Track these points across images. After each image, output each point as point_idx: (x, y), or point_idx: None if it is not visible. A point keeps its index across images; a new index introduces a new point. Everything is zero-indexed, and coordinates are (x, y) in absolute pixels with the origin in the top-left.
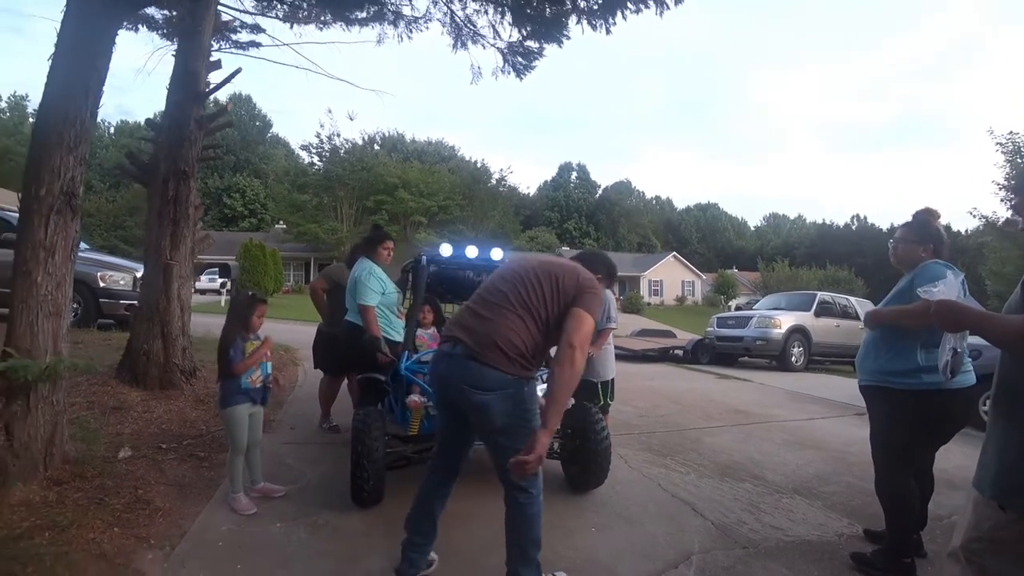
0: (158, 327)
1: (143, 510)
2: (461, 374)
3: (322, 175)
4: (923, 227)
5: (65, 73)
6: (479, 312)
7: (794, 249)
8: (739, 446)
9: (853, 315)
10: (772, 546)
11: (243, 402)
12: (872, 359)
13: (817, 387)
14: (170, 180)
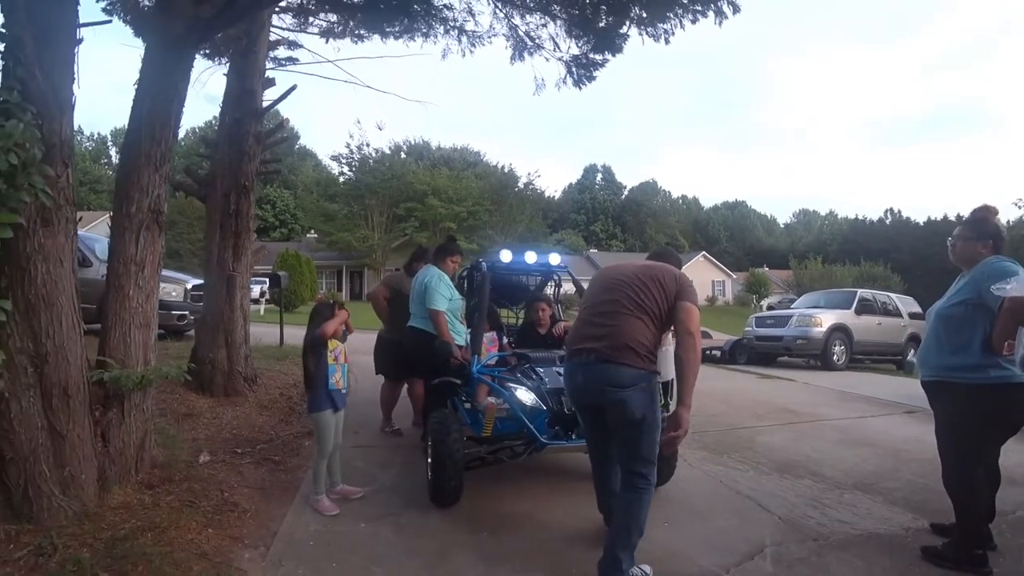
0: (222, 336)
1: (231, 512)
2: (599, 377)
3: (352, 184)
4: (982, 224)
5: (150, 97)
6: (598, 322)
7: (826, 246)
8: (793, 444)
9: (895, 312)
10: (842, 539)
11: (328, 407)
12: (936, 355)
13: (862, 385)
14: (231, 194)
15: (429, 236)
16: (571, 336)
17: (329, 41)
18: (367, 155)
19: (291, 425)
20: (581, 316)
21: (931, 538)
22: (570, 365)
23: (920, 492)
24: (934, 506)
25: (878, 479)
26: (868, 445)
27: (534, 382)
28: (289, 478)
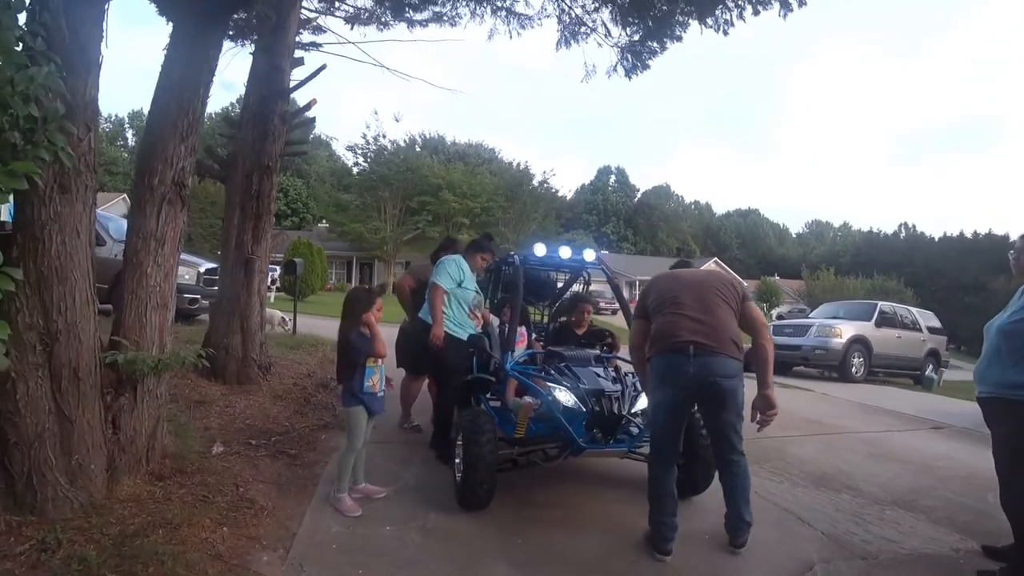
0: (238, 322)
1: (248, 509)
2: (712, 369)
3: (366, 176)
4: None
5: (181, 63)
6: (697, 317)
7: (839, 257)
8: (824, 456)
9: (915, 327)
10: (891, 558)
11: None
12: (997, 371)
13: (883, 399)
14: (253, 175)
15: (442, 231)
16: (664, 330)
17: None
18: (383, 146)
19: (306, 417)
20: (668, 312)
21: (983, 561)
22: (677, 357)
23: (963, 512)
24: (981, 527)
25: (917, 496)
26: (899, 460)
27: (572, 382)
28: (306, 474)
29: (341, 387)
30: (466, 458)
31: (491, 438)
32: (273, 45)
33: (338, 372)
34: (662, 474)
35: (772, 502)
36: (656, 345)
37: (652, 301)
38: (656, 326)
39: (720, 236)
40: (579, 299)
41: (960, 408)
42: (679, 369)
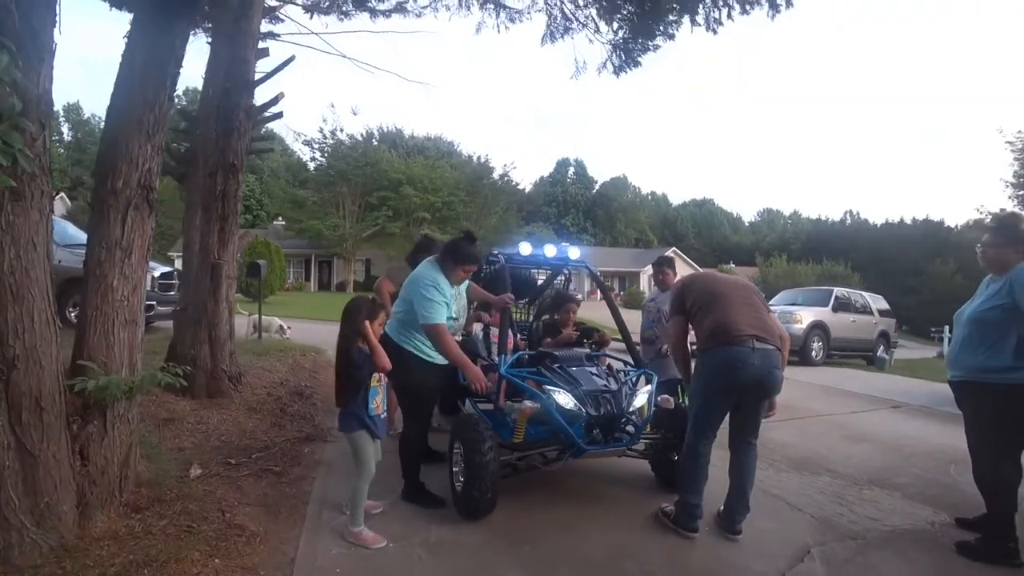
0: (205, 331)
1: (238, 536)
2: (770, 360)
3: (323, 171)
4: (1012, 230)
5: (143, 53)
6: (752, 314)
7: (790, 244)
8: (800, 441)
9: (867, 310)
10: (877, 537)
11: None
12: (969, 356)
13: (842, 381)
14: (217, 174)
15: (402, 226)
16: (725, 325)
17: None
18: (340, 141)
19: (285, 429)
20: (720, 308)
21: (958, 533)
22: (742, 349)
23: (932, 487)
24: (950, 500)
25: (889, 475)
26: (869, 441)
27: (569, 383)
28: (295, 492)
29: (340, 410)
30: (468, 467)
31: (493, 445)
32: (236, 34)
33: (338, 394)
34: (706, 457)
35: (761, 490)
36: (717, 338)
37: (696, 299)
38: (712, 321)
39: (677, 226)
40: (564, 298)
41: (912, 387)
42: (745, 360)
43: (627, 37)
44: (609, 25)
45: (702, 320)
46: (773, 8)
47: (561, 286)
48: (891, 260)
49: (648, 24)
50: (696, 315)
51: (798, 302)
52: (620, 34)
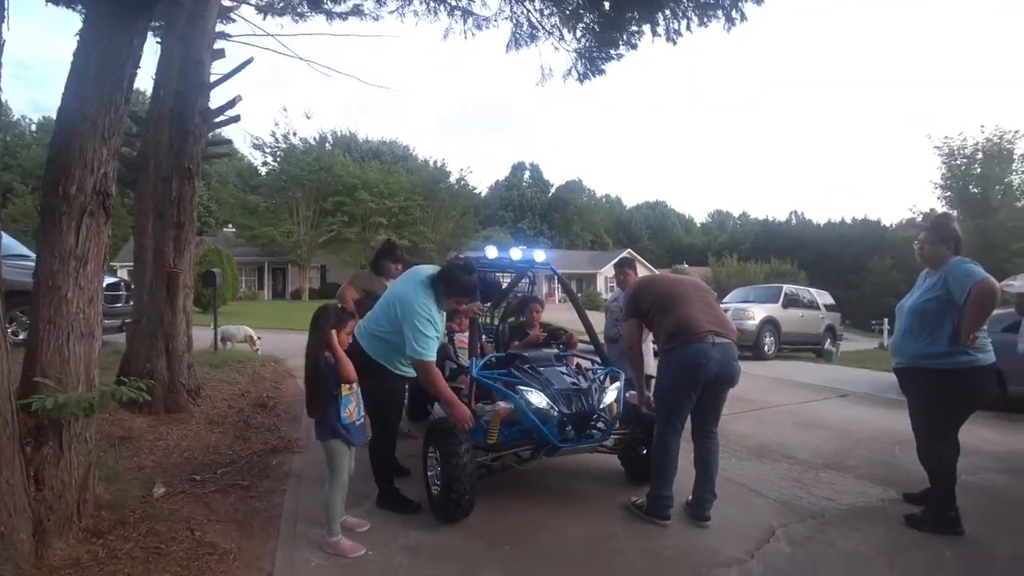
0: (162, 343)
1: (210, 555)
2: (729, 354)
3: (276, 175)
4: (944, 229)
5: (99, 52)
6: (711, 311)
7: (740, 244)
8: (758, 430)
9: (814, 306)
10: (835, 515)
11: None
12: (910, 344)
13: (793, 373)
14: (172, 179)
15: (358, 232)
16: (684, 324)
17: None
18: (293, 145)
19: (250, 442)
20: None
21: (905, 507)
22: (702, 346)
23: (879, 467)
24: (896, 477)
25: (841, 458)
26: (821, 427)
27: (540, 383)
28: (265, 506)
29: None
30: (446, 470)
31: (469, 448)
32: (191, 35)
33: (308, 405)
34: (676, 449)
35: (725, 478)
36: (680, 337)
37: (654, 301)
38: (673, 321)
39: (631, 228)
40: (528, 299)
41: (857, 376)
42: (708, 355)
43: (591, 46)
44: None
45: (662, 321)
46: (729, 21)
47: (526, 289)
48: (834, 258)
49: (611, 34)
50: (655, 316)
51: (750, 299)
52: (584, 43)
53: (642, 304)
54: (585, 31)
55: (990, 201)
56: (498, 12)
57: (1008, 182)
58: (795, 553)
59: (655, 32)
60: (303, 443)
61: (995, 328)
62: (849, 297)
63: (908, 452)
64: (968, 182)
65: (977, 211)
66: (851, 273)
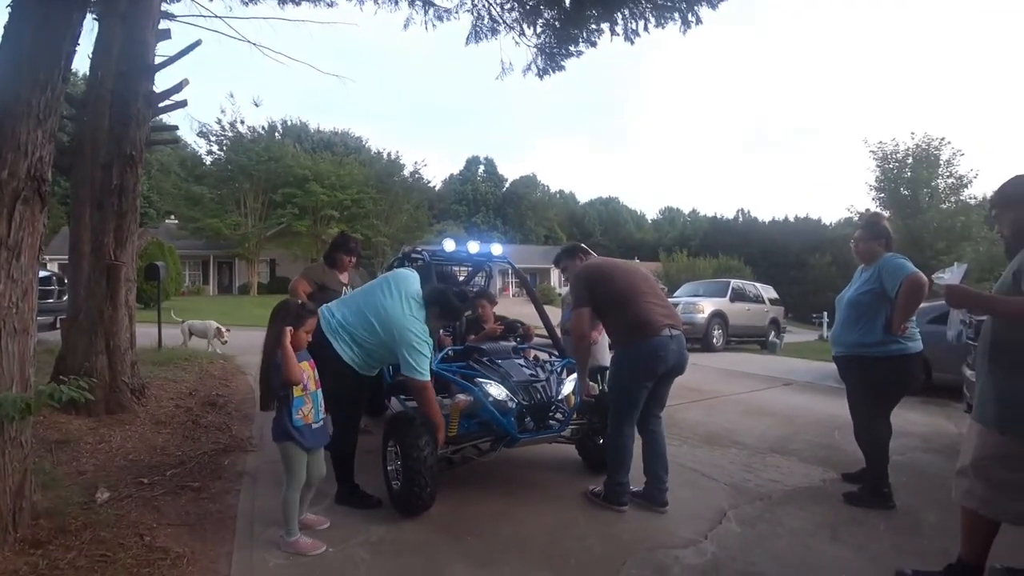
0: (102, 340)
1: (162, 560)
2: (683, 344)
3: (222, 165)
4: (876, 227)
5: (34, 28)
6: (663, 303)
7: (690, 240)
8: (708, 418)
9: (760, 300)
10: (781, 495)
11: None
12: (848, 334)
13: (740, 364)
14: (113, 166)
15: (309, 225)
16: (645, 317)
17: None
18: (241, 133)
19: (200, 442)
20: (634, 301)
21: (844, 485)
22: (662, 340)
23: (820, 450)
24: (835, 459)
25: (786, 443)
26: (767, 415)
27: (499, 375)
28: (219, 507)
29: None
30: (407, 464)
31: (429, 440)
32: (134, 13)
33: (260, 400)
34: (632, 438)
35: (678, 463)
36: (642, 332)
37: (607, 291)
38: (632, 316)
39: (584, 223)
40: (478, 294)
41: (800, 366)
42: (666, 349)
43: (551, 42)
44: (533, 29)
45: (620, 314)
46: (685, 24)
47: (482, 282)
48: (778, 254)
49: (570, 31)
50: (610, 309)
51: (699, 293)
52: (544, 38)
53: (595, 292)
54: (545, 27)
55: (919, 203)
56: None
57: (935, 185)
58: (745, 532)
59: (614, 31)
60: (256, 441)
61: (922, 320)
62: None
63: (846, 436)
64: (900, 184)
65: (907, 212)
66: (794, 269)
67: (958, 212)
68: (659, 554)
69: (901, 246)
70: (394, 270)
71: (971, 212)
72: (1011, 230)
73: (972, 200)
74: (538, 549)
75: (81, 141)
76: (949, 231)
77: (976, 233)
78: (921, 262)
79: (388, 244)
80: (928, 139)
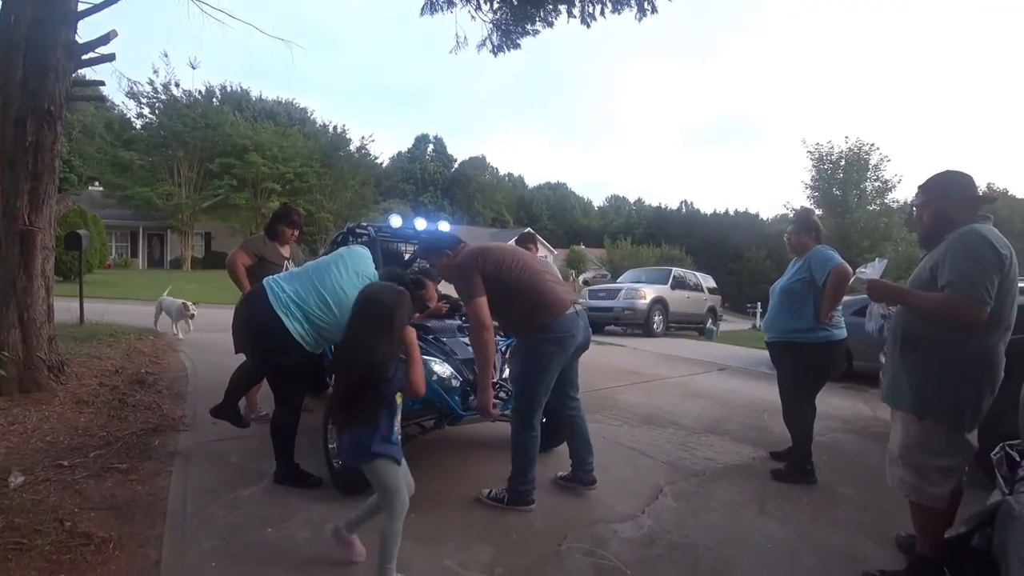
0: (14, 313)
1: (85, 546)
2: (587, 322)
3: (154, 130)
4: (806, 221)
5: None
6: (558, 281)
7: (634, 229)
8: (647, 400)
9: (699, 288)
10: (714, 472)
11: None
12: (780, 320)
13: (679, 349)
14: (28, 121)
15: (248, 198)
16: (553, 296)
17: None
18: (176, 97)
19: (128, 422)
20: (541, 280)
21: (771, 463)
22: (572, 318)
23: (751, 431)
24: (764, 439)
25: (719, 424)
26: (703, 397)
27: (444, 354)
28: (149, 489)
29: (351, 433)
30: None
31: None
32: None
33: (354, 413)
34: (539, 435)
35: (618, 443)
36: (549, 311)
37: (503, 276)
38: (534, 298)
39: (532, 207)
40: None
41: (734, 353)
42: (577, 326)
43: (507, 19)
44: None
45: (520, 298)
46: (641, 11)
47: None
48: (717, 245)
49: (527, 9)
50: (509, 294)
51: (642, 280)
52: (500, 15)
53: (487, 280)
54: (503, 3)
55: (848, 203)
56: None
57: (863, 188)
58: (681, 507)
59: (571, 13)
60: (189, 420)
61: (846, 312)
62: (729, 282)
63: (775, 418)
64: (832, 185)
65: (838, 211)
66: (732, 260)
67: (882, 214)
68: (598, 528)
69: (831, 243)
70: (348, 247)
71: (893, 215)
72: (932, 218)
73: (895, 204)
74: (480, 525)
75: None
76: (873, 231)
77: (896, 234)
78: (848, 259)
79: (331, 221)
80: (860, 144)
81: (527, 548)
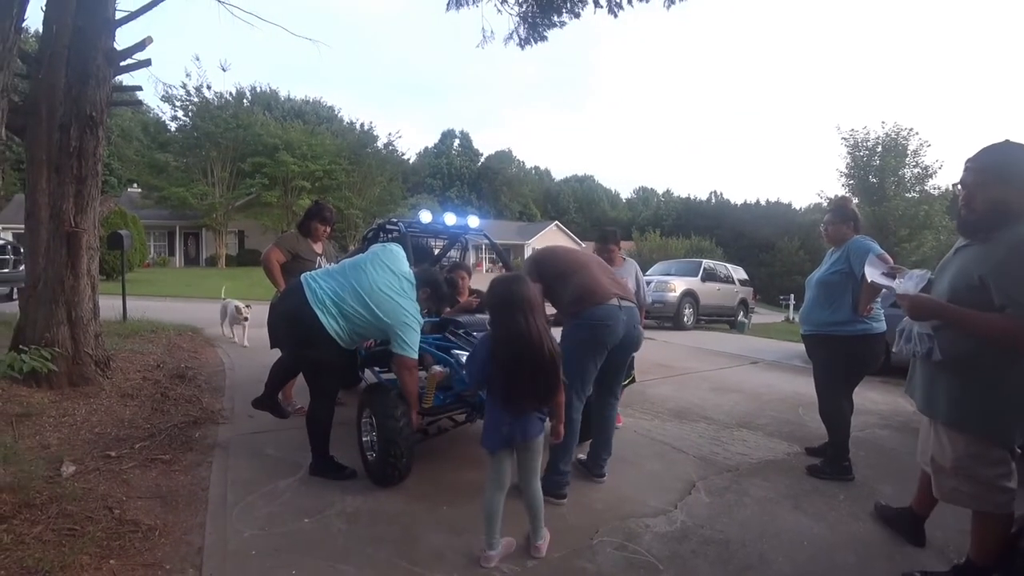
0: (63, 310)
1: (133, 533)
2: (635, 318)
3: (188, 132)
4: (844, 210)
5: None
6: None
7: (663, 220)
8: (678, 394)
9: (730, 280)
10: (748, 468)
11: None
12: (817, 313)
13: (709, 342)
14: (71, 128)
15: (279, 196)
16: (593, 287)
17: None
18: (208, 99)
19: (169, 415)
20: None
21: (807, 459)
22: (611, 308)
23: (785, 425)
24: (799, 434)
25: (752, 418)
26: (734, 391)
27: None
28: (190, 479)
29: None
30: (383, 434)
31: (405, 411)
32: None
33: (544, 395)
34: (579, 422)
35: (649, 437)
36: (586, 300)
37: (554, 268)
38: (577, 286)
39: (559, 200)
40: (455, 266)
41: (767, 345)
42: (615, 318)
43: (533, 11)
44: None
45: (564, 286)
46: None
47: (458, 255)
48: (748, 236)
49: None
50: (556, 283)
51: (671, 272)
52: (526, 7)
53: (543, 270)
54: None
55: (885, 190)
56: None
57: (901, 174)
58: (713, 502)
59: (597, 3)
60: (228, 414)
61: (885, 303)
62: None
63: (810, 412)
64: (868, 172)
65: (874, 199)
66: (763, 251)
67: (921, 201)
68: (631, 523)
69: (866, 232)
70: (383, 245)
71: (934, 202)
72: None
73: (935, 190)
74: (513, 516)
75: (35, 101)
76: (912, 219)
77: (938, 222)
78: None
79: (360, 217)
80: (897, 129)
81: (559, 541)
